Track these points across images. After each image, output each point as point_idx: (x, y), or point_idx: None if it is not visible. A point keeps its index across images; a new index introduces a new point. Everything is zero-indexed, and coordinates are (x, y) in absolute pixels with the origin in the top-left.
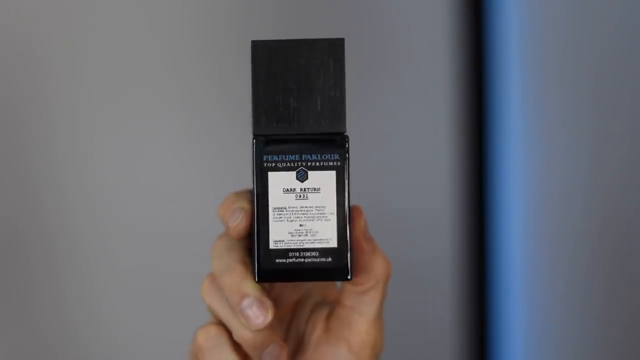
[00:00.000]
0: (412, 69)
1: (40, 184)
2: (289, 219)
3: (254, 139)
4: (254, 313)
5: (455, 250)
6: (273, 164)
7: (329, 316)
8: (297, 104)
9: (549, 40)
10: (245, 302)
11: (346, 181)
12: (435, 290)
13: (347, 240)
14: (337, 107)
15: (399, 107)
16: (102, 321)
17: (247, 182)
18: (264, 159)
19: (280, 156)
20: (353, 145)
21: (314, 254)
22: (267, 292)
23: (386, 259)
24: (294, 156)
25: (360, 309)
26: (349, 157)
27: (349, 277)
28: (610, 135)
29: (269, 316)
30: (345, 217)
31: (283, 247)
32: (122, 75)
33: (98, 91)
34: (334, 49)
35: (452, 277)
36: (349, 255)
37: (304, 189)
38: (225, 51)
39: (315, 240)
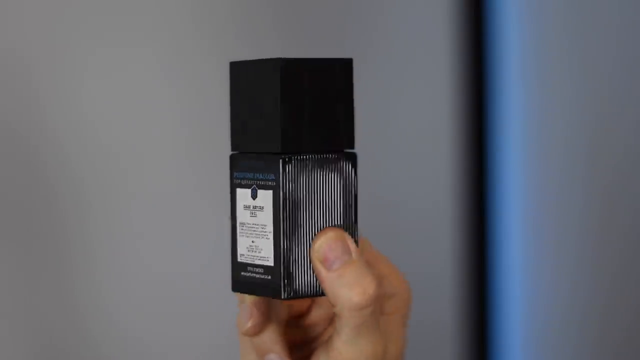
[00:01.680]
0: (412, 69)
1: (55, 184)
2: (247, 235)
3: (230, 154)
4: (240, 317)
5: (455, 251)
6: (239, 181)
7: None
8: (256, 123)
9: (549, 40)
10: (240, 308)
11: (281, 201)
12: (435, 290)
13: (281, 260)
14: (273, 127)
15: (399, 107)
16: (112, 321)
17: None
18: (234, 175)
19: (243, 173)
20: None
21: (260, 270)
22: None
23: (357, 291)
24: (250, 174)
25: (336, 327)
26: (288, 178)
27: (282, 296)
28: (610, 135)
29: (250, 323)
30: (280, 236)
31: (243, 261)
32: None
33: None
34: (277, 69)
35: (452, 277)
36: (282, 274)
37: (254, 206)
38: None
39: (260, 257)
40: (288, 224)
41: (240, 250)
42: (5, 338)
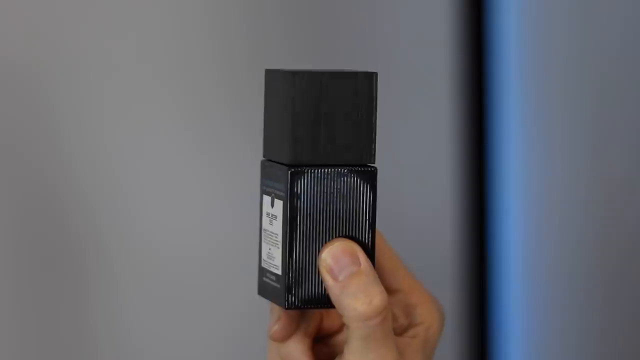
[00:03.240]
0: (412, 68)
1: (64, 192)
2: (266, 242)
3: (261, 160)
4: (269, 321)
5: (455, 251)
6: (265, 188)
7: None
8: (279, 133)
9: (550, 40)
10: (270, 313)
11: (288, 213)
12: (435, 290)
13: (286, 270)
14: (284, 139)
15: (399, 106)
16: (121, 325)
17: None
18: (262, 182)
19: (267, 181)
20: None
21: (273, 277)
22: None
23: (363, 301)
24: (271, 182)
25: (346, 336)
26: (296, 190)
27: (284, 306)
28: (610, 134)
29: (276, 327)
30: (286, 246)
31: (264, 267)
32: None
33: (103, 93)
34: (290, 80)
35: (452, 277)
36: (286, 283)
37: (272, 215)
38: (236, 66)
39: (273, 265)
40: (295, 236)
41: (263, 255)
42: (10, 338)
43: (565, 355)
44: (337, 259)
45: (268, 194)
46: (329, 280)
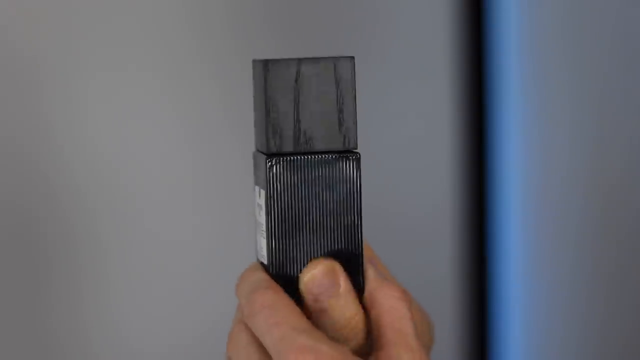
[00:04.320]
0: (412, 68)
1: (57, 184)
2: (257, 232)
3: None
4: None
5: (455, 251)
6: (254, 179)
7: None
8: (259, 122)
9: (549, 39)
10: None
11: (269, 202)
12: (435, 291)
13: (270, 259)
14: (262, 128)
15: (398, 107)
16: (119, 325)
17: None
18: (253, 173)
19: (255, 171)
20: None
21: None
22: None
23: (341, 324)
24: (258, 173)
25: None
26: (274, 179)
27: None
28: (610, 133)
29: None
30: (269, 236)
31: (258, 258)
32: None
33: (97, 88)
34: (263, 68)
35: (452, 277)
36: (271, 274)
37: (259, 205)
38: (224, 57)
39: (262, 255)
40: (276, 225)
41: (257, 247)
42: (12, 339)
43: (565, 355)
44: (316, 284)
45: (256, 184)
46: (309, 301)
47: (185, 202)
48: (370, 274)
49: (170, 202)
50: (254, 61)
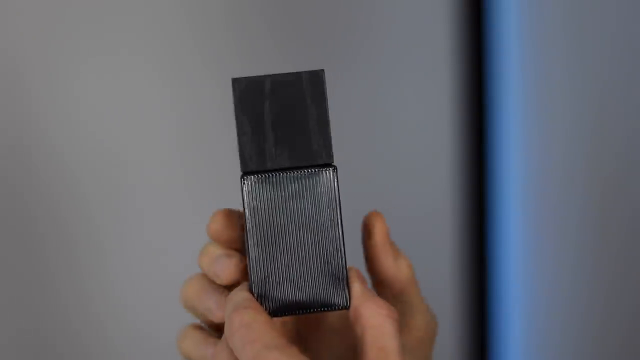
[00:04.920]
0: (412, 68)
1: (55, 181)
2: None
3: None
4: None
5: (455, 251)
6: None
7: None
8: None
9: (549, 38)
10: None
11: (247, 219)
12: (435, 291)
13: (251, 277)
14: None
15: (399, 107)
16: (117, 324)
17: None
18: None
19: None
20: (354, 144)
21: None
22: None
23: (404, 262)
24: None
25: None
26: (247, 197)
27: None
28: (610, 135)
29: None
30: (247, 251)
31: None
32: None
33: (96, 88)
34: (235, 88)
35: (452, 277)
36: (250, 287)
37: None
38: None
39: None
40: (255, 242)
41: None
42: (12, 338)
43: (565, 355)
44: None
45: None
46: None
47: (185, 201)
48: (356, 289)
49: (170, 202)
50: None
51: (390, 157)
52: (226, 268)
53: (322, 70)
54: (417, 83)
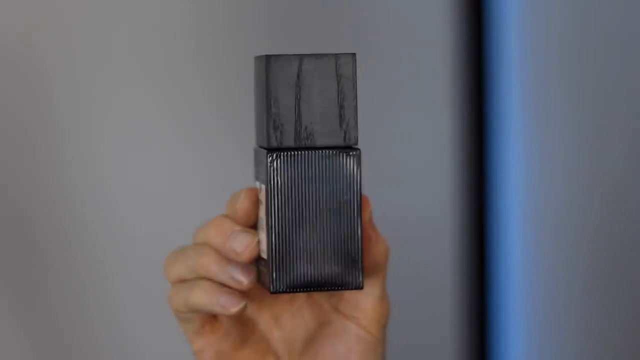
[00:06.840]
0: (413, 69)
1: (53, 188)
2: (259, 227)
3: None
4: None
5: (456, 252)
6: (255, 174)
7: (336, 302)
8: (260, 118)
9: (550, 40)
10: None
11: (269, 196)
12: (435, 291)
13: (271, 253)
14: (263, 123)
15: (399, 108)
16: (116, 324)
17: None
18: (254, 168)
19: (256, 167)
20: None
21: (262, 263)
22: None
23: (381, 245)
24: (258, 168)
25: (366, 291)
26: (274, 174)
27: (270, 289)
28: (610, 135)
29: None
30: (270, 230)
31: (261, 255)
32: (119, 79)
33: (95, 87)
34: (264, 65)
35: (453, 278)
36: (270, 268)
37: (260, 200)
38: (220, 58)
39: (263, 250)
40: (276, 220)
41: (261, 244)
42: (11, 338)
43: (565, 355)
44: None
45: (257, 179)
46: (371, 234)
47: (184, 201)
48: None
49: (169, 201)
50: (256, 57)
51: (390, 157)
52: (250, 243)
53: (354, 54)
54: (417, 84)
